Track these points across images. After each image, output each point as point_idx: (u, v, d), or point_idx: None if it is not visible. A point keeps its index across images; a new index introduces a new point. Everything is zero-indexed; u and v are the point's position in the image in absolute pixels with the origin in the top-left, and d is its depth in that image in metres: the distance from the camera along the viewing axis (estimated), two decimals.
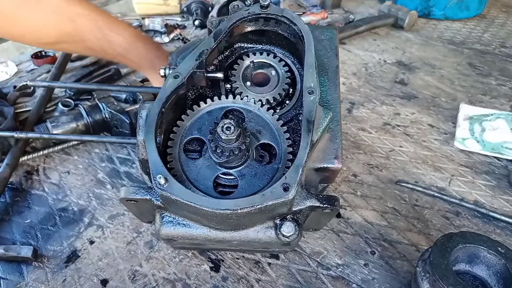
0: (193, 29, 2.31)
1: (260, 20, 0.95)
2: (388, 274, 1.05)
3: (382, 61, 2.10)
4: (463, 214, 1.23)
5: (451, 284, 0.78)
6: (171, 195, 0.72)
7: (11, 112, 1.36)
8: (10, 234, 1.15)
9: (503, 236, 1.16)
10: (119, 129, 1.42)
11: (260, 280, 1.03)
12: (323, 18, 2.35)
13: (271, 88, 0.96)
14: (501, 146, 1.47)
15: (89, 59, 1.89)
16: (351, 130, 1.57)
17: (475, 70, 2.03)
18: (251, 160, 0.83)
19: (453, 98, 1.79)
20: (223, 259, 1.08)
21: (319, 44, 1.03)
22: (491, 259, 0.86)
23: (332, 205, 0.80)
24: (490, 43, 2.31)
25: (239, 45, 1.03)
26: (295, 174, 0.74)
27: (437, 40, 2.34)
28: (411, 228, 1.18)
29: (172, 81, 0.85)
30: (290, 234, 0.79)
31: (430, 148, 1.49)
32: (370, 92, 1.82)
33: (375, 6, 2.73)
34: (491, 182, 1.34)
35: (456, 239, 0.87)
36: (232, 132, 0.76)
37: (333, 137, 0.90)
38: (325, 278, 1.04)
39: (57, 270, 1.05)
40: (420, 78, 1.94)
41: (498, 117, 1.62)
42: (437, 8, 2.53)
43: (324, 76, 0.98)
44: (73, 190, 1.29)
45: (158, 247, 1.11)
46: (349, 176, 1.35)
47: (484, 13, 2.69)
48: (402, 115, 1.68)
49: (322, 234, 1.15)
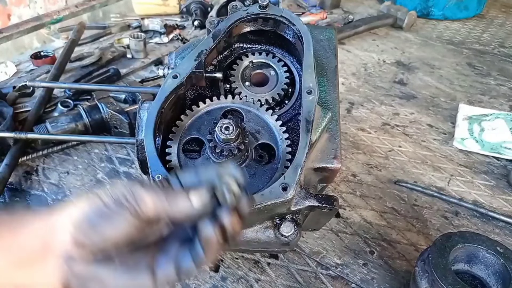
0: (192, 29, 2.31)
1: (259, 20, 0.95)
2: (387, 274, 1.05)
3: (381, 61, 2.10)
4: (462, 214, 1.23)
5: (450, 283, 0.78)
6: None
7: (10, 113, 1.35)
8: None
9: (502, 235, 1.16)
10: (118, 129, 1.42)
11: (260, 280, 1.03)
12: (322, 18, 2.35)
13: (270, 88, 0.96)
14: (500, 146, 1.47)
15: (89, 59, 1.90)
16: (350, 130, 1.57)
17: (474, 70, 2.03)
18: (250, 160, 0.83)
19: (452, 98, 1.79)
20: (222, 259, 1.08)
21: (318, 44, 1.03)
22: (490, 258, 0.87)
23: (331, 205, 0.80)
24: (489, 43, 2.31)
25: (238, 45, 1.03)
26: (294, 174, 0.75)
27: (436, 40, 2.34)
28: (410, 228, 1.18)
29: (171, 81, 0.85)
30: (289, 234, 0.79)
31: (429, 148, 1.49)
32: (369, 92, 1.82)
33: (374, 6, 2.73)
34: (490, 182, 1.34)
35: (455, 238, 0.88)
36: (231, 132, 0.76)
37: (332, 137, 0.90)
38: (324, 278, 1.04)
39: None
40: (419, 78, 1.94)
41: (497, 117, 1.62)
42: (436, 8, 2.54)
43: (323, 76, 0.98)
44: (73, 190, 1.28)
45: None
46: (348, 176, 1.35)
47: (483, 13, 2.69)
48: (401, 115, 1.68)
49: (321, 234, 1.15)
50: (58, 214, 0.54)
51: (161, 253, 0.53)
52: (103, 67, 1.87)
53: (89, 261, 0.52)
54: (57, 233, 0.53)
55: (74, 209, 0.53)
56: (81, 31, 2.02)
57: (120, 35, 2.21)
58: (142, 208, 0.52)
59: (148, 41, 2.11)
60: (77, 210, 0.53)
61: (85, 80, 1.74)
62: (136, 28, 2.27)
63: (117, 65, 1.91)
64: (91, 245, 0.52)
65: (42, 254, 0.53)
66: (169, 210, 0.53)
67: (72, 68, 1.85)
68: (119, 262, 0.53)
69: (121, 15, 2.45)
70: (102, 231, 0.51)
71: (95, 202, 0.52)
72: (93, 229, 0.51)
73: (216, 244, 0.52)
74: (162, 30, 2.22)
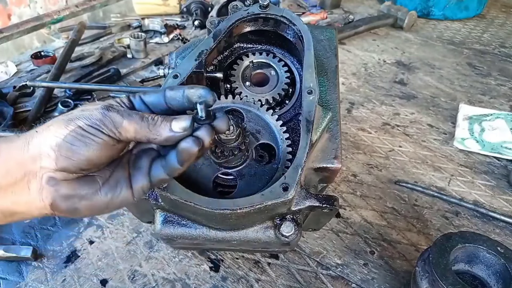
0: (192, 29, 2.32)
1: (260, 20, 0.95)
2: (387, 274, 1.05)
3: (382, 61, 2.10)
4: (462, 214, 1.23)
5: (451, 283, 0.78)
6: (170, 195, 0.72)
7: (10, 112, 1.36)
8: (10, 234, 1.15)
9: (503, 236, 1.16)
10: None
11: (260, 280, 1.03)
12: (323, 18, 2.35)
13: (270, 88, 0.96)
14: (501, 146, 1.47)
15: (89, 59, 1.90)
16: (351, 130, 1.57)
17: (474, 70, 2.03)
18: (251, 160, 0.83)
19: (453, 98, 1.79)
20: (223, 259, 1.08)
21: (318, 44, 1.03)
22: (490, 258, 0.86)
23: (332, 205, 0.80)
24: (490, 43, 2.31)
25: (239, 45, 1.03)
26: (295, 174, 0.74)
27: (436, 40, 2.34)
28: (411, 228, 1.18)
29: (172, 81, 0.85)
30: (290, 234, 0.79)
31: (429, 148, 1.49)
32: (370, 92, 1.82)
33: (374, 6, 2.73)
34: (491, 182, 1.34)
35: (455, 239, 0.87)
36: (232, 132, 0.76)
37: (332, 137, 0.90)
38: (325, 278, 1.04)
39: (57, 270, 1.05)
40: (420, 78, 1.94)
41: (498, 117, 1.62)
42: (436, 8, 2.54)
43: (324, 76, 0.98)
44: None
45: (158, 247, 1.11)
46: (349, 176, 1.35)
47: (484, 13, 2.69)
48: (402, 115, 1.68)
49: (321, 234, 1.15)
50: (36, 141, 0.56)
51: (135, 169, 0.60)
52: (103, 67, 1.87)
53: (72, 182, 0.57)
54: (37, 161, 0.56)
55: (52, 135, 0.56)
56: (82, 31, 2.02)
57: (120, 35, 2.21)
58: (123, 134, 0.56)
59: (148, 41, 2.12)
60: (55, 135, 0.55)
61: (86, 80, 1.74)
62: (137, 28, 2.27)
63: (117, 65, 1.91)
64: (72, 166, 0.55)
65: (24, 179, 0.56)
66: (150, 136, 0.57)
67: (72, 68, 1.85)
68: (101, 181, 0.59)
69: (122, 15, 2.45)
70: (81, 153, 0.55)
71: (73, 127, 0.55)
72: (73, 151, 0.55)
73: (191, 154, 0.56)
74: (163, 30, 2.22)
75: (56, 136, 0.55)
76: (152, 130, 0.57)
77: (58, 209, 0.58)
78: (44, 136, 0.56)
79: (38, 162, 0.55)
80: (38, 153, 0.56)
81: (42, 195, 0.56)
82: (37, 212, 0.58)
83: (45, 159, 0.55)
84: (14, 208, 0.58)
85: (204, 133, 0.57)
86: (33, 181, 0.56)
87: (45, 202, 0.57)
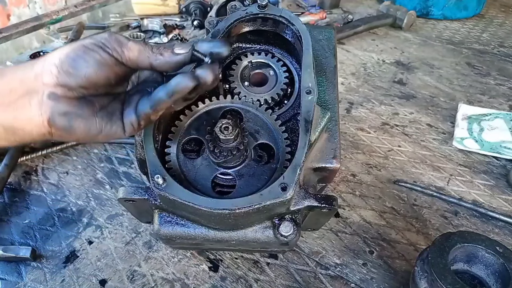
0: (191, 29, 2.31)
1: (258, 20, 0.95)
2: (386, 274, 1.05)
3: (381, 61, 2.10)
4: (461, 213, 1.23)
5: (449, 283, 0.78)
6: (169, 195, 0.72)
7: None
8: (9, 235, 1.15)
9: (502, 235, 1.16)
10: None
11: (259, 280, 1.03)
12: (322, 18, 2.35)
13: (269, 88, 0.96)
14: (500, 146, 1.48)
15: None
16: (350, 130, 1.57)
17: (473, 70, 2.03)
18: (249, 160, 0.83)
19: (452, 97, 1.79)
20: (222, 259, 1.08)
21: (317, 44, 1.03)
22: (489, 258, 0.87)
23: (331, 204, 0.80)
24: (489, 43, 2.31)
25: (237, 45, 1.03)
26: (293, 174, 0.74)
27: (435, 40, 2.34)
28: (410, 227, 1.18)
29: None
30: (289, 234, 0.79)
31: (428, 148, 1.49)
32: (369, 92, 1.82)
33: (373, 6, 2.73)
34: (490, 182, 1.34)
35: (454, 238, 0.88)
36: (230, 132, 0.76)
37: (331, 137, 0.90)
38: (324, 278, 1.04)
39: (56, 271, 1.05)
40: (419, 78, 1.95)
41: (497, 116, 1.62)
42: (435, 8, 2.54)
43: (322, 76, 0.98)
44: (72, 191, 1.28)
45: (157, 247, 1.11)
46: (348, 176, 1.35)
47: (483, 13, 2.69)
48: (401, 115, 1.68)
49: (320, 234, 1.15)
50: (41, 61, 0.60)
51: (127, 104, 0.64)
52: None
53: (72, 100, 0.59)
54: (40, 77, 0.58)
55: (56, 54, 0.59)
56: (81, 31, 2.02)
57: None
58: (126, 53, 0.60)
59: (147, 41, 2.11)
60: (59, 53, 0.59)
61: None
62: (136, 28, 2.27)
63: None
64: (72, 82, 0.58)
65: (26, 96, 0.59)
66: (151, 58, 0.61)
67: None
68: (99, 106, 0.62)
69: (121, 15, 2.45)
70: (82, 69, 0.58)
71: (77, 46, 0.59)
72: (73, 67, 0.57)
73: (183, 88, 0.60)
74: (162, 30, 2.22)
75: (60, 54, 0.58)
76: (155, 51, 0.61)
77: (54, 125, 0.60)
78: (49, 55, 0.59)
79: (40, 79, 0.58)
80: (41, 70, 0.58)
81: (41, 110, 0.58)
82: (36, 130, 0.61)
83: (47, 75, 0.58)
84: (16, 124, 0.60)
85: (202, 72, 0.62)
86: (34, 96, 0.59)
87: (43, 117, 0.59)
